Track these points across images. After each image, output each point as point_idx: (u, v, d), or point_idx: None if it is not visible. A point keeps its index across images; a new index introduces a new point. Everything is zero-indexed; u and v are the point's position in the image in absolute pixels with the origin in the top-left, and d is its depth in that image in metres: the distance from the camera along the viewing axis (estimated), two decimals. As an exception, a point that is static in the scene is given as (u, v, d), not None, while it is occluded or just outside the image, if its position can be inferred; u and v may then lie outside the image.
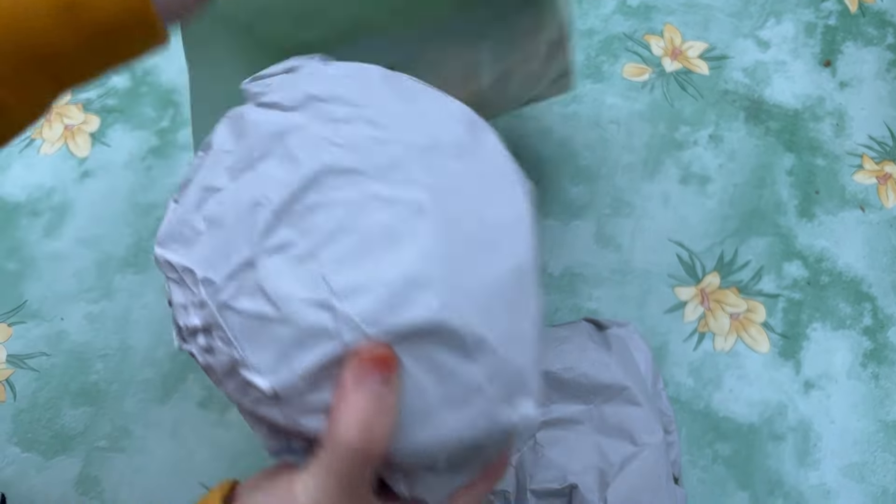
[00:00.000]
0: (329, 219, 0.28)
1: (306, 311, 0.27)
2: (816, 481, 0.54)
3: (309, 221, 0.28)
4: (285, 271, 0.28)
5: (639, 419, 0.47)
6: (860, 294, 0.60)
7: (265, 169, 0.30)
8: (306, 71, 0.32)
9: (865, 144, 0.67)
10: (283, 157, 0.29)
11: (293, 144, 0.29)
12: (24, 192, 0.65)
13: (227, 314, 0.29)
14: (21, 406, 0.57)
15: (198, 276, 0.29)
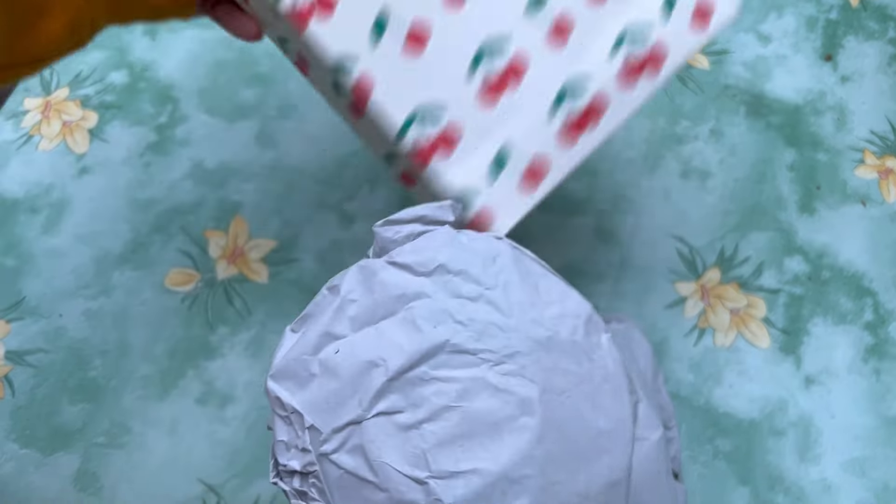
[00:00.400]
0: (440, 395, 0.29)
1: (402, 484, 0.29)
2: (817, 476, 0.54)
3: (419, 393, 0.30)
4: (389, 438, 0.29)
5: (638, 415, 0.47)
6: (861, 289, 0.60)
7: (387, 329, 0.31)
8: (440, 236, 0.34)
9: (867, 139, 0.66)
10: (406, 323, 0.31)
11: (417, 312, 0.31)
12: (22, 188, 0.64)
13: (327, 465, 0.30)
14: (19, 402, 0.57)
15: (305, 422, 0.31)
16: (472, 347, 0.30)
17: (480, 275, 0.32)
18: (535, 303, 0.32)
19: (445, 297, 0.31)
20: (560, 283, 0.34)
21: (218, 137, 0.66)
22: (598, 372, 0.32)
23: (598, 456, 0.30)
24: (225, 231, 0.62)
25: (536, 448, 0.29)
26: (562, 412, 0.30)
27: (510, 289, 0.32)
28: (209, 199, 0.64)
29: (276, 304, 0.60)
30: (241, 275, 0.61)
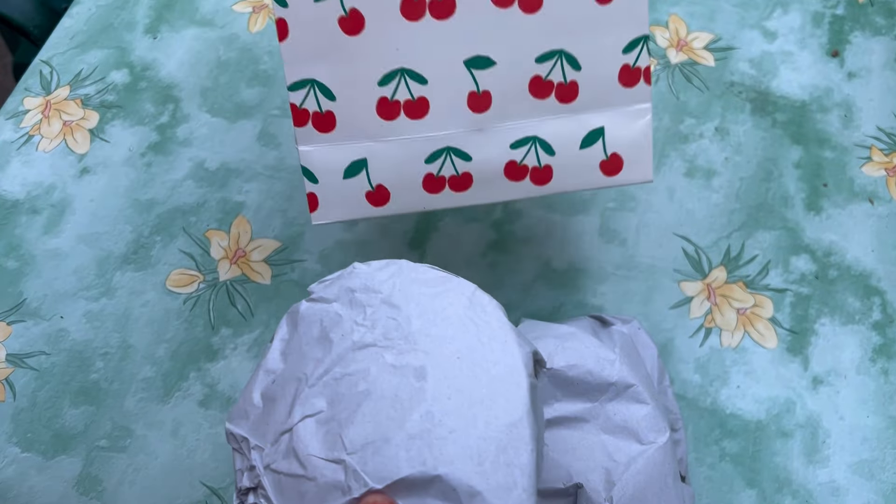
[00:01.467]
0: (350, 386, 0.34)
1: (326, 469, 0.33)
2: (825, 479, 0.53)
3: (334, 390, 0.35)
4: (312, 434, 0.34)
5: (645, 418, 0.46)
6: (869, 288, 0.59)
7: (308, 350, 0.37)
8: (348, 271, 0.40)
9: (874, 136, 0.66)
10: (322, 340, 0.37)
11: (329, 329, 0.37)
12: (23, 189, 0.64)
13: (269, 475, 0.35)
14: (21, 405, 0.56)
15: (251, 444, 0.36)
16: (373, 340, 0.35)
17: (378, 285, 0.37)
18: (423, 293, 0.37)
19: (350, 310, 0.37)
20: (448, 275, 0.39)
21: (220, 137, 0.66)
22: (485, 332, 0.36)
23: (494, 400, 0.34)
24: (227, 232, 0.62)
25: (433, 405, 0.33)
26: (454, 370, 0.34)
27: (404, 288, 0.37)
28: (211, 199, 0.63)
29: (279, 305, 0.59)
30: (244, 276, 0.60)
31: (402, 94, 0.45)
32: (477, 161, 0.46)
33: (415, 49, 0.44)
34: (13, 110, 0.68)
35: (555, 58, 0.45)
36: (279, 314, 0.59)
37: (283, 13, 0.43)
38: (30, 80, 0.69)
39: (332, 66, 0.44)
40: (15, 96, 0.68)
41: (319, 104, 0.45)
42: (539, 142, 0.46)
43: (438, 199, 0.47)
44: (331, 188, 0.46)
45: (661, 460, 0.45)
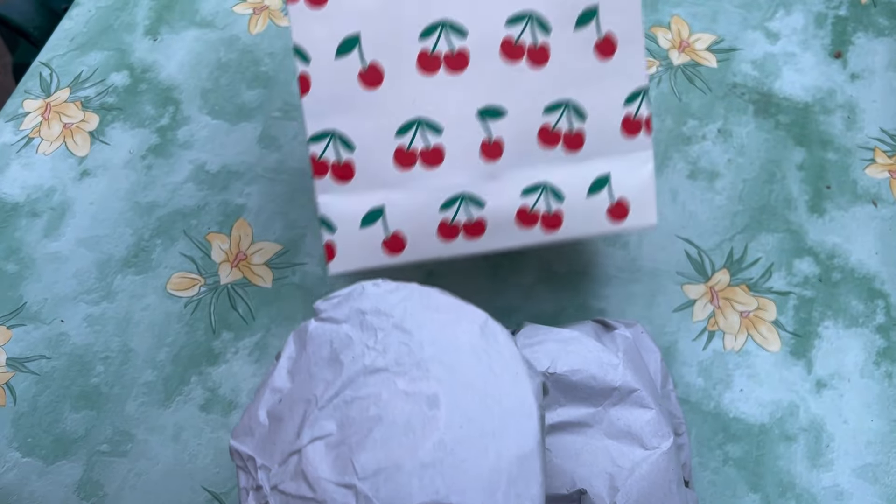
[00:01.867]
0: (361, 410, 0.34)
1: (336, 493, 0.33)
2: (829, 483, 0.53)
3: (345, 414, 0.35)
4: (322, 457, 0.34)
5: (649, 423, 0.46)
6: (873, 291, 0.59)
7: (317, 371, 0.37)
8: (358, 291, 0.39)
9: (877, 137, 0.65)
10: (332, 362, 0.37)
11: (339, 351, 0.37)
12: (22, 192, 0.64)
13: (276, 496, 0.35)
14: (21, 410, 0.56)
15: (257, 463, 0.36)
16: (384, 365, 0.35)
17: (389, 309, 0.37)
18: (435, 319, 0.37)
19: (361, 333, 0.37)
20: (461, 303, 0.39)
21: (220, 139, 0.66)
22: (497, 362, 0.36)
23: (505, 432, 0.34)
24: (228, 234, 0.62)
25: (446, 434, 0.33)
26: (466, 400, 0.34)
27: (416, 313, 0.37)
28: (212, 202, 0.63)
29: (280, 308, 0.59)
30: (245, 279, 0.60)
31: (419, 143, 0.46)
32: (490, 207, 0.47)
33: (431, 100, 0.46)
34: (13, 112, 0.67)
35: (562, 108, 0.47)
36: (280, 318, 0.59)
37: (305, 68, 0.45)
38: (29, 82, 0.69)
39: (352, 117, 0.46)
40: (14, 98, 0.68)
41: (339, 154, 0.46)
42: (549, 188, 0.48)
43: (453, 247, 0.48)
44: (348, 237, 0.47)
45: (665, 466, 0.45)
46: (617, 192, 0.49)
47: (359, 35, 0.45)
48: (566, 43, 0.47)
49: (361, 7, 0.45)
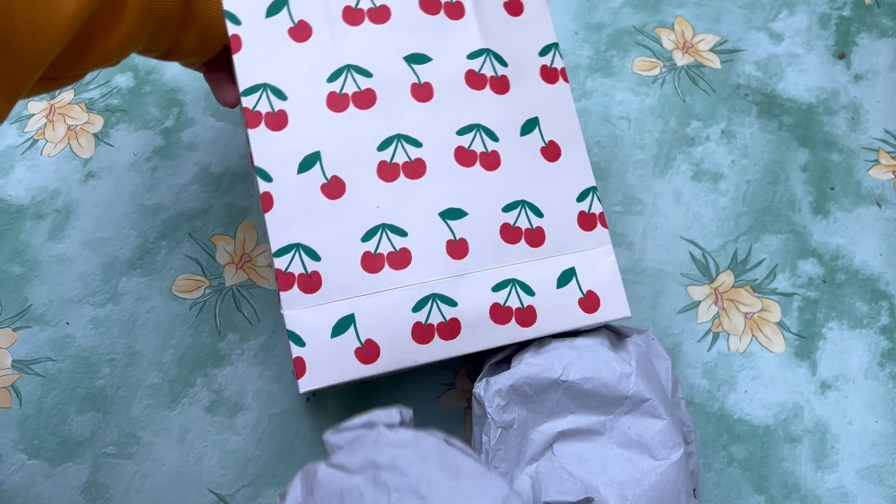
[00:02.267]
0: None
1: None
2: (834, 484, 0.53)
3: None
4: None
5: (660, 433, 0.46)
6: (877, 292, 0.59)
7: None
8: (374, 436, 0.38)
9: (881, 138, 0.65)
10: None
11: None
12: (28, 194, 0.64)
13: None
14: (27, 412, 0.56)
15: None
16: None
17: (407, 467, 0.36)
18: (454, 488, 0.36)
19: (374, 489, 0.35)
20: (482, 470, 0.37)
21: (224, 141, 0.66)
22: None
23: None
24: (233, 236, 0.62)
25: None
26: None
27: (433, 477, 0.36)
28: (216, 204, 0.63)
29: (284, 310, 0.59)
30: (250, 281, 0.60)
31: (385, 246, 0.47)
32: (462, 306, 0.47)
33: (393, 206, 0.47)
34: (17, 115, 0.67)
35: (519, 207, 0.49)
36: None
37: (268, 187, 0.46)
38: (33, 83, 0.69)
39: (317, 228, 0.46)
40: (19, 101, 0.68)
41: (304, 266, 0.46)
42: (518, 283, 0.48)
43: (428, 351, 0.47)
44: (319, 350, 0.46)
45: (674, 477, 0.45)
46: (585, 286, 0.49)
47: (319, 152, 0.47)
48: (514, 148, 0.49)
49: (320, 127, 0.47)
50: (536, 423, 0.47)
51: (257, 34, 0.47)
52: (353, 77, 0.48)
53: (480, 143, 0.49)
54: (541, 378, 0.46)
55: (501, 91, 0.49)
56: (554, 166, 0.50)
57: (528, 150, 0.49)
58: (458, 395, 0.56)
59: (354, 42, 0.48)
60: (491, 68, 0.50)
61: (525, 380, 0.46)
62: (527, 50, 0.51)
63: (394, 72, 0.48)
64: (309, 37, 0.48)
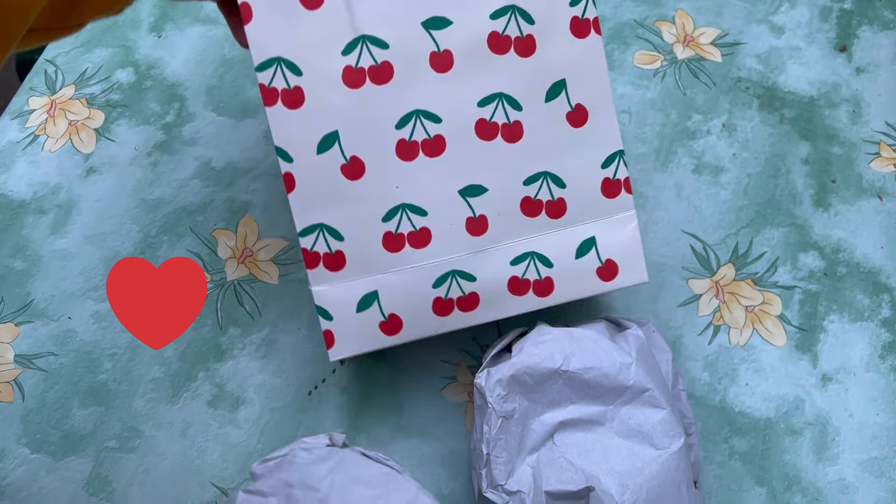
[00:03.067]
0: None
1: None
2: (835, 476, 0.53)
3: None
4: None
5: (660, 422, 0.46)
6: (878, 285, 0.59)
7: None
8: (288, 459, 0.40)
9: (882, 131, 0.65)
10: None
11: None
12: (29, 189, 0.64)
13: None
14: (30, 406, 0.56)
15: None
16: None
17: (316, 482, 0.38)
18: (363, 495, 0.38)
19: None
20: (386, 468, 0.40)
21: (225, 136, 0.66)
22: None
23: None
24: (234, 231, 0.62)
25: None
26: None
27: (342, 487, 0.38)
28: (217, 198, 0.63)
29: (286, 304, 0.59)
30: (251, 275, 0.60)
31: (406, 226, 0.47)
32: (481, 280, 0.48)
33: (413, 185, 0.47)
34: (18, 110, 0.67)
35: (541, 179, 0.48)
36: (287, 313, 0.59)
37: (289, 167, 0.46)
38: (34, 79, 0.69)
39: (338, 209, 0.47)
40: (20, 96, 0.68)
41: (329, 245, 0.47)
42: (537, 256, 0.49)
43: (449, 322, 0.49)
44: (346, 323, 0.48)
45: (675, 466, 0.45)
46: (604, 254, 0.49)
47: (337, 131, 0.46)
48: (538, 117, 0.48)
49: (337, 105, 0.46)
50: (537, 413, 0.47)
51: (267, 1, 0.45)
52: (368, 49, 0.46)
53: (503, 113, 0.47)
54: (541, 368, 0.46)
55: (527, 53, 0.47)
56: (580, 132, 0.48)
57: (553, 116, 0.48)
58: (460, 388, 0.56)
59: (369, 6, 0.46)
60: (516, 28, 0.47)
61: (526, 370, 0.46)
62: (556, 1, 0.47)
63: (411, 40, 0.46)
64: (321, 3, 0.45)
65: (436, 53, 0.46)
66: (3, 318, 0.59)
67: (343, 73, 0.46)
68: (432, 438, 0.55)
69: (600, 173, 0.49)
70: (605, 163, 0.49)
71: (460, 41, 0.46)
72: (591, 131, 0.48)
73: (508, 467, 0.46)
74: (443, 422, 0.55)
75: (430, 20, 0.46)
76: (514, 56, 0.47)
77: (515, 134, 0.48)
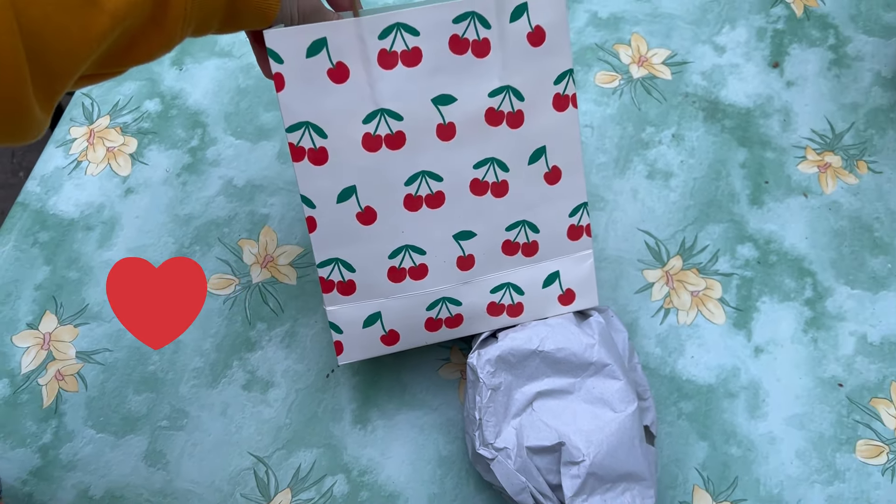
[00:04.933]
0: None
1: None
2: (764, 430, 0.64)
3: None
4: None
5: (618, 391, 0.57)
6: (803, 270, 0.70)
7: None
8: None
9: (808, 137, 0.76)
10: None
11: None
12: (76, 209, 0.74)
13: None
14: (92, 394, 0.67)
15: None
16: None
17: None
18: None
19: None
20: None
21: (244, 157, 0.76)
22: None
23: None
24: (256, 240, 0.72)
25: None
26: None
27: None
28: (240, 212, 0.73)
29: (304, 301, 0.70)
30: (273, 278, 0.71)
31: (407, 262, 0.58)
32: (466, 305, 0.60)
33: (416, 230, 0.57)
34: (62, 139, 0.77)
35: (519, 226, 0.59)
36: (306, 309, 0.69)
37: (312, 212, 0.56)
38: (73, 111, 0.79)
39: (352, 247, 0.57)
40: (62, 126, 0.78)
41: (342, 275, 0.57)
42: (512, 286, 0.60)
43: (437, 335, 0.61)
44: (353, 336, 0.59)
45: (629, 426, 0.56)
46: (565, 284, 0.61)
47: (355, 186, 0.55)
48: (521, 177, 0.58)
49: (356, 164, 0.54)
50: (519, 386, 0.58)
51: (298, 73, 0.51)
52: (385, 120, 0.54)
53: (493, 174, 0.57)
54: (522, 349, 0.57)
55: (516, 126, 0.56)
56: (554, 188, 0.58)
57: (533, 176, 0.58)
58: (453, 367, 0.67)
59: (388, 85, 0.53)
60: (509, 104, 0.55)
61: (509, 351, 0.57)
62: (543, 80, 0.56)
63: (422, 114, 0.54)
64: (346, 78, 0.52)
65: (441, 125, 0.55)
66: (64, 321, 0.69)
67: (363, 138, 0.54)
68: (431, 410, 0.66)
69: (567, 220, 0.60)
70: (573, 212, 0.60)
71: (463, 114, 0.55)
72: (563, 187, 0.59)
73: (497, 429, 0.57)
74: (440, 396, 0.66)
75: (438, 97, 0.54)
76: (506, 128, 0.56)
77: (502, 190, 0.58)
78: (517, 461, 0.56)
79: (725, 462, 0.63)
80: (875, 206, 0.73)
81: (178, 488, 0.63)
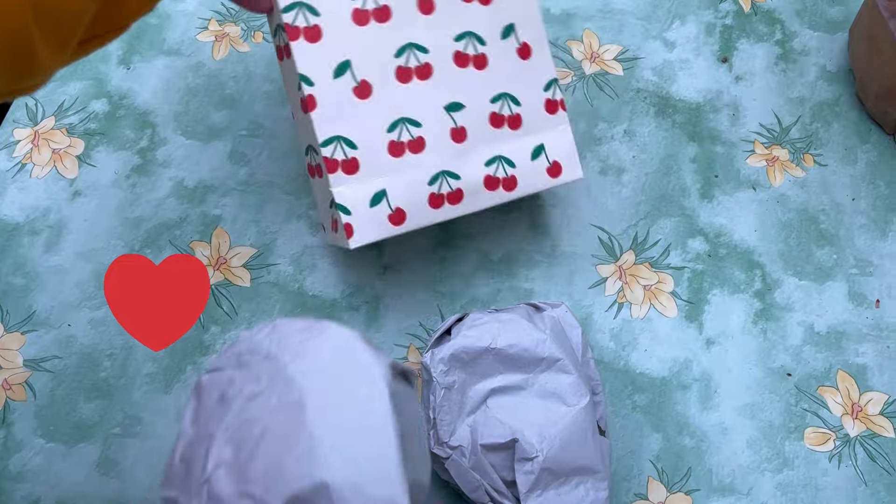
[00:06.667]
0: (249, 431, 0.41)
1: (237, 502, 0.39)
2: (716, 421, 0.66)
3: (238, 437, 0.41)
4: (224, 479, 0.40)
5: (570, 385, 0.58)
6: (752, 262, 0.72)
7: (212, 413, 0.43)
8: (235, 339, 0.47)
9: (757, 131, 0.78)
10: (221, 401, 0.43)
11: (226, 391, 0.43)
12: (22, 213, 0.72)
13: None
14: (41, 403, 0.65)
15: (178, 501, 0.42)
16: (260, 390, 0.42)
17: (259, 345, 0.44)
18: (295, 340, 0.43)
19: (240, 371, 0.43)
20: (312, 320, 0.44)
21: (195, 157, 0.75)
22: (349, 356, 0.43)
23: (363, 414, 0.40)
24: (209, 242, 0.71)
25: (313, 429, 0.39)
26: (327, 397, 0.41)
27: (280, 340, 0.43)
28: (192, 214, 0.72)
29: (258, 304, 0.69)
30: (227, 280, 0.70)
31: (405, 135, 0.61)
32: (464, 179, 0.62)
33: (409, 103, 0.61)
34: (4, 141, 0.75)
35: (502, 99, 0.63)
36: (260, 312, 0.69)
37: (311, 90, 0.59)
38: (17, 112, 0.77)
39: (352, 123, 0.59)
40: (4, 128, 0.76)
41: (345, 153, 0.59)
42: (504, 159, 0.64)
43: (441, 213, 0.62)
44: (361, 217, 0.60)
45: (582, 419, 0.57)
46: (551, 157, 0.65)
47: (349, 60, 0.59)
48: (497, 51, 0.63)
49: (348, 38, 0.59)
50: (473, 383, 0.58)
51: None
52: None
53: (472, 47, 0.62)
54: (475, 347, 0.58)
55: (486, 2, 0.62)
56: (527, 63, 0.64)
57: (508, 51, 0.63)
58: (411, 366, 0.67)
59: None
60: None
61: (462, 349, 0.58)
62: None
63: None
64: None
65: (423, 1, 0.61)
66: (10, 329, 0.68)
67: (352, 13, 0.59)
68: (389, 410, 0.65)
69: (543, 94, 0.65)
70: (546, 87, 0.65)
71: None
72: (535, 63, 0.64)
73: (451, 428, 0.57)
74: (397, 395, 0.66)
75: None
76: (477, 4, 0.62)
77: (482, 63, 0.63)
78: (472, 459, 0.56)
79: (679, 453, 0.64)
80: (821, 198, 0.74)
81: (132, 497, 0.62)
